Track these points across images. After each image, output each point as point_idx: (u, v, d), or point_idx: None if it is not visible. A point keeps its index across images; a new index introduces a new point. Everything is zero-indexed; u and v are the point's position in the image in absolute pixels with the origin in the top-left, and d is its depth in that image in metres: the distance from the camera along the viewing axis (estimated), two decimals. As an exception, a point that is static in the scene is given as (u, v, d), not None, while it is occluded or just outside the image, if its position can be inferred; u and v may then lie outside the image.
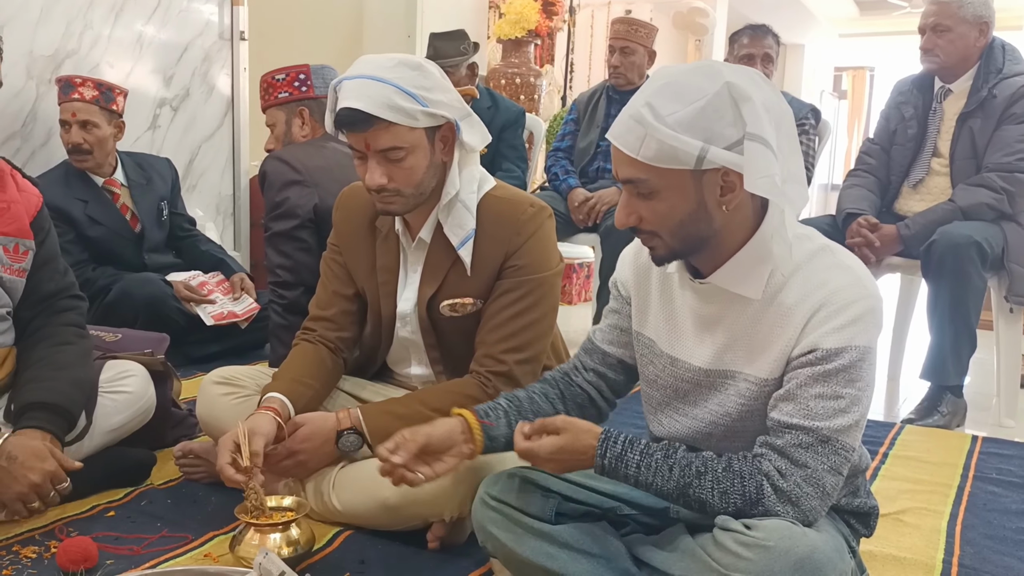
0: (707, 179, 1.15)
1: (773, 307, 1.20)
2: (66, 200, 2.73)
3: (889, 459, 2.25)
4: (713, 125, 1.12)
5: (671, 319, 1.32)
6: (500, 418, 1.36)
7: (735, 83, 1.12)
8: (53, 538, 1.56)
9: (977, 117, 2.66)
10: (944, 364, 2.55)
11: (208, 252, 3.10)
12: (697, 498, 1.19)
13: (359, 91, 1.50)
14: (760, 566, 1.11)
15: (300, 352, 1.73)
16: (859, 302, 1.16)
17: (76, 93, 2.78)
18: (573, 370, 1.47)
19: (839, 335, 1.15)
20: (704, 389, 1.28)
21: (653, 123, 1.12)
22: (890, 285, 3.21)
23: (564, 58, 6.05)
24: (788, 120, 1.18)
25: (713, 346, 1.26)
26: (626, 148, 1.16)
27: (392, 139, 1.52)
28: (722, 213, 1.18)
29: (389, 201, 1.59)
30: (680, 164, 1.13)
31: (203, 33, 3.54)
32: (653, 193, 1.17)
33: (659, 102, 1.13)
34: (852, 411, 1.16)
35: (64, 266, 1.79)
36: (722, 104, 1.12)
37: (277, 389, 1.62)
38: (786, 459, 1.16)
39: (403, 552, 1.54)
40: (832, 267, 1.20)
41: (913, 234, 2.65)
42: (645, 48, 3.53)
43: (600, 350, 1.44)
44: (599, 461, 1.24)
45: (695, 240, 1.21)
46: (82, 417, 1.69)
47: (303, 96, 2.56)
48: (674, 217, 1.18)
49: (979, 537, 1.77)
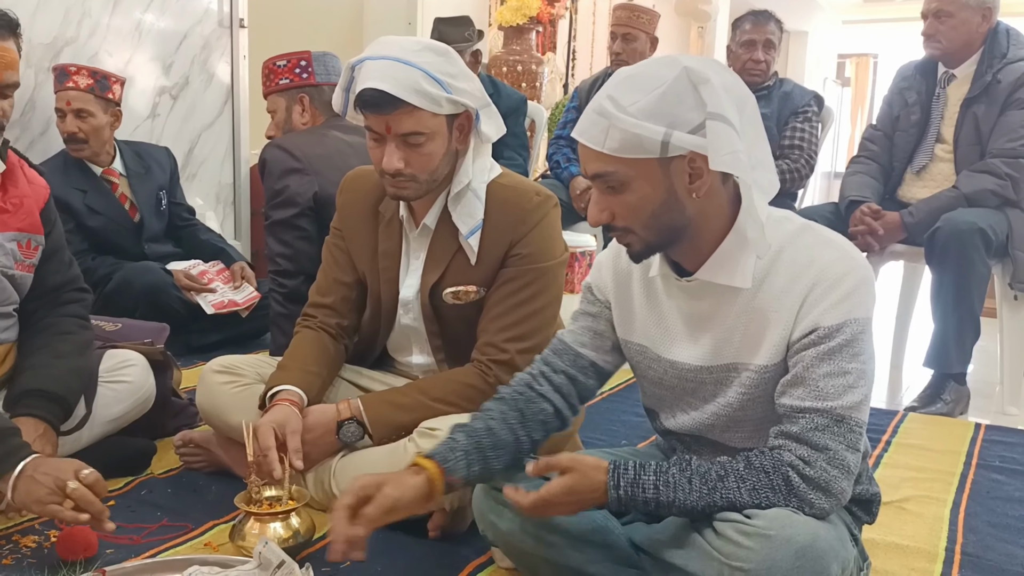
0: (674, 166, 1.15)
1: (763, 292, 1.20)
2: (65, 190, 2.71)
3: (892, 447, 2.25)
4: (674, 110, 1.11)
5: (661, 323, 1.30)
6: (460, 460, 1.28)
7: (692, 67, 1.12)
8: (53, 527, 1.55)
9: (981, 103, 2.64)
10: (947, 351, 2.54)
11: (208, 241, 3.09)
12: (726, 502, 1.16)
13: (385, 72, 1.47)
14: (761, 555, 1.10)
15: (304, 340, 1.72)
16: (851, 274, 1.16)
17: (71, 82, 2.76)
18: (535, 379, 1.39)
19: (837, 310, 1.15)
20: (710, 385, 1.27)
21: (616, 114, 1.12)
22: (893, 273, 3.20)
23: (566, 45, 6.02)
24: (751, 105, 1.18)
25: (711, 342, 1.24)
26: (591, 142, 1.15)
27: (414, 124, 1.50)
28: (693, 201, 1.17)
29: (403, 186, 1.57)
30: (646, 152, 1.13)
31: (202, 21, 3.52)
32: (622, 185, 1.16)
33: (620, 93, 1.13)
34: (860, 385, 1.16)
35: (69, 258, 1.78)
36: (682, 88, 1.11)
37: (289, 381, 1.61)
38: (806, 445, 1.15)
39: (404, 541, 1.53)
40: (816, 244, 1.20)
41: (917, 221, 2.63)
42: (647, 34, 3.51)
43: (572, 351, 1.39)
44: (613, 493, 1.19)
45: (670, 231, 1.20)
46: (82, 406, 1.69)
47: (304, 83, 2.54)
48: (646, 208, 1.17)
49: (982, 525, 1.76)
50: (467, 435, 1.32)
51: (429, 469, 1.26)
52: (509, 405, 1.37)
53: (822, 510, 1.15)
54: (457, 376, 1.64)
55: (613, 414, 2.40)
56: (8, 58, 1.53)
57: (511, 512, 1.33)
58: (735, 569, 1.12)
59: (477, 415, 1.37)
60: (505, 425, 1.34)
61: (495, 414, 1.35)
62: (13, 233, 1.61)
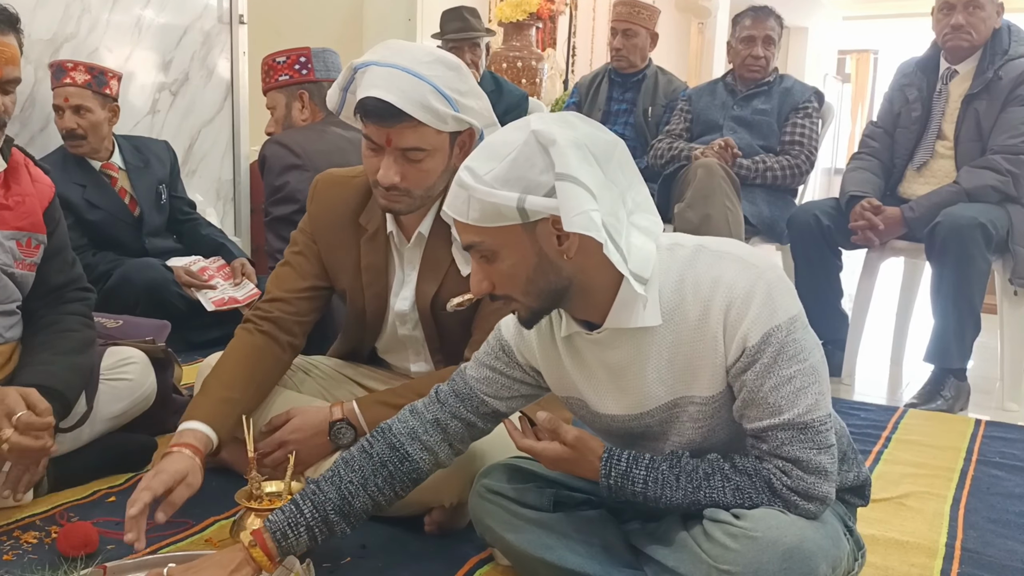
0: (540, 231, 1.14)
1: (677, 325, 1.18)
2: (64, 185, 2.69)
3: (892, 443, 2.25)
4: (527, 174, 1.10)
5: (590, 379, 1.27)
6: (301, 535, 1.25)
7: (540, 129, 1.11)
8: (54, 523, 1.56)
9: (982, 99, 2.64)
10: (948, 347, 2.54)
11: (209, 236, 3.09)
12: (710, 500, 1.18)
13: (392, 82, 1.41)
14: (748, 558, 1.11)
15: (232, 355, 1.61)
16: (758, 283, 1.14)
17: (68, 78, 2.75)
18: (425, 427, 1.33)
19: (759, 324, 1.13)
20: (656, 427, 1.25)
21: (472, 184, 1.12)
22: (893, 268, 3.20)
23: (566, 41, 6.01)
24: (617, 152, 1.15)
25: (640, 387, 1.22)
26: (456, 214, 1.15)
27: (417, 139, 1.45)
28: (567, 262, 1.15)
29: (395, 200, 1.52)
30: (506, 220, 1.12)
31: (202, 16, 3.51)
32: (494, 254, 1.16)
33: (476, 163, 1.13)
34: (809, 384, 1.15)
35: (73, 257, 1.77)
36: (531, 152, 1.11)
37: (199, 416, 1.50)
38: (780, 459, 1.16)
39: (404, 537, 1.54)
40: (715, 262, 1.18)
41: (917, 216, 2.63)
42: (647, 30, 3.51)
43: (477, 398, 1.34)
44: (604, 481, 1.22)
45: (550, 294, 1.18)
46: (82, 403, 1.69)
47: (303, 79, 2.55)
48: (520, 275, 1.16)
49: (982, 521, 1.76)
50: (315, 507, 1.27)
51: (258, 559, 1.24)
52: (376, 465, 1.30)
53: (808, 512, 1.16)
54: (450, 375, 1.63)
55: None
56: (9, 53, 1.52)
57: (506, 515, 1.34)
58: (723, 572, 1.13)
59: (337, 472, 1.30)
60: (363, 491, 1.29)
61: (355, 477, 1.29)
62: (12, 231, 1.61)
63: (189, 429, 1.48)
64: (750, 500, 1.17)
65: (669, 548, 1.24)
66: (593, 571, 1.30)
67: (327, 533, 1.28)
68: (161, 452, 1.87)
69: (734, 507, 1.17)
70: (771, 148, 3.11)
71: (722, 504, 1.18)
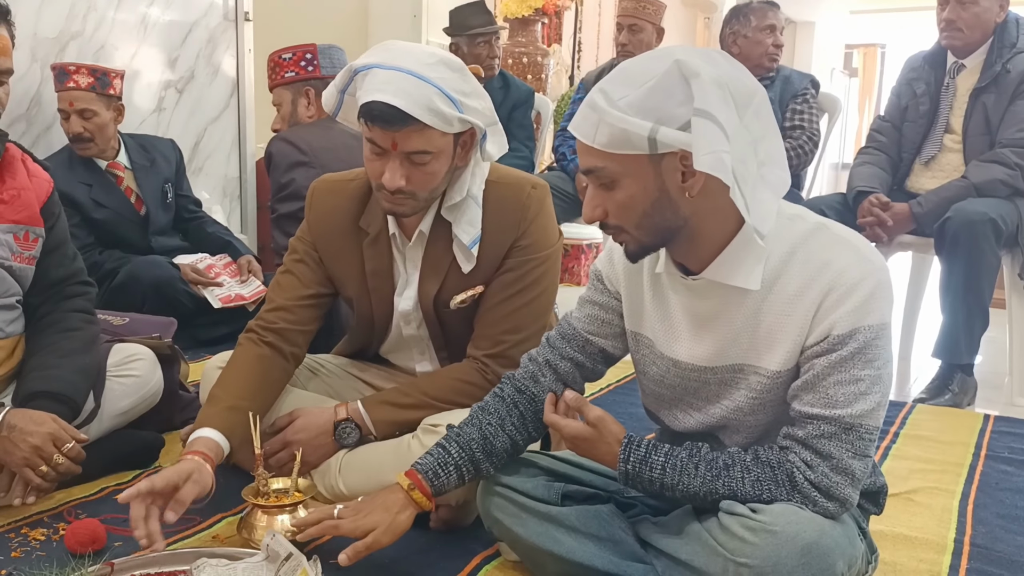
0: (666, 164, 1.11)
1: (774, 295, 1.17)
2: (70, 184, 2.71)
3: (900, 438, 2.24)
4: (663, 104, 1.07)
5: (666, 320, 1.28)
6: (451, 475, 1.32)
7: (684, 60, 1.07)
8: (62, 520, 1.56)
9: (991, 93, 2.62)
10: (956, 342, 2.53)
11: (215, 234, 3.09)
12: (728, 491, 1.17)
13: (398, 86, 1.39)
14: (766, 551, 1.10)
15: (237, 365, 1.60)
16: (867, 279, 1.13)
17: (71, 81, 2.75)
18: (540, 369, 1.38)
19: (852, 318, 1.12)
20: (713, 386, 1.25)
21: (605, 107, 1.09)
22: (901, 264, 3.19)
23: (572, 37, 6.00)
24: (758, 98, 1.13)
25: (715, 343, 1.22)
26: (582, 136, 1.13)
27: (423, 143, 1.43)
28: (688, 201, 1.13)
29: (400, 203, 1.50)
30: (634, 148, 1.09)
31: (208, 14, 3.52)
32: (614, 182, 1.14)
33: (611, 87, 1.10)
34: (873, 392, 1.14)
35: (73, 251, 1.78)
36: (671, 83, 1.07)
37: (212, 424, 1.49)
38: (810, 451, 1.15)
39: (410, 533, 1.51)
40: (831, 245, 1.17)
41: (926, 212, 2.62)
42: (653, 25, 3.50)
43: (582, 337, 1.38)
44: (623, 467, 1.23)
45: (663, 231, 1.17)
46: (90, 400, 1.70)
47: (309, 76, 2.55)
48: (636, 208, 1.14)
49: (991, 516, 1.76)
50: (460, 447, 1.33)
51: (417, 499, 1.31)
52: (509, 407, 1.37)
53: (826, 510, 1.15)
54: (455, 373, 1.63)
55: (620, 406, 2.40)
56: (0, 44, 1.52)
57: (515, 508, 1.34)
58: (740, 565, 1.12)
59: (475, 416, 1.37)
60: (502, 431, 1.35)
61: (493, 419, 1.35)
62: (9, 225, 1.61)
63: (200, 438, 1.47)
64: (769, 493, 1.16)
65: (681, 540, 1.23)
66: (602, 564, 1.29)
67: (473, 472, 1.33)
68: (168, 449, 1.89)
69: (752, 499, 1.16)
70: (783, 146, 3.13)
71: (740, 495, 1.16)
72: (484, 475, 1.35)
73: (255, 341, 1.62)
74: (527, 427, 1.37)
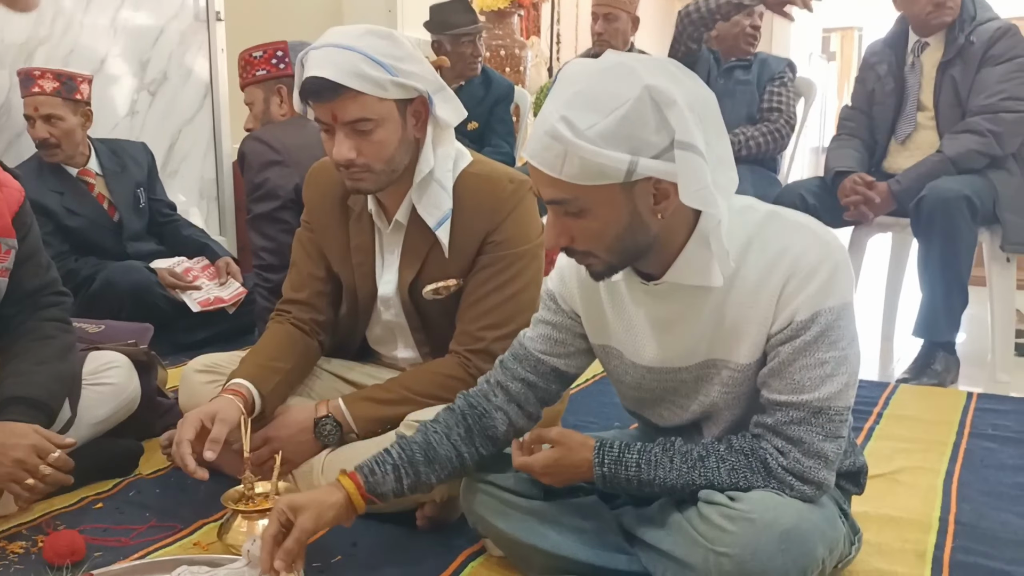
0: (638, 190, 1.08)
1: (736, 288, 1.16)
2: (41, 192, 2.67)
3: (884, 419, 2.24)
4: (638, 133, 1.03)
5: (631, 330, 1.26)
6: (387, 475, 1.28)
7: (656, 85, 1.03)
8: (40, 532, 1.54)
9: (956, 65, 2.64)
10: (936, 319, 2.54)
11: (191, 237, 3.06)
12: (705, 480, 1.17)
13: (325, 59, 1.44)
14: (745, 539, 1.10)
15: (270, 334, 1.70)
16: (825, 262, 1.13)
17: (36, 87, 2.70)
18: (492, 389, 1.35)
19: (812, 302, 1.12)
20: (690, 383, 1.24)
21: (572, 139, 1.03)
22: (881, 244, 3.20)
23: (550, 28, 5.98)
24: (712, 108, 1.11)
25: (684, 343, 1.21)
26: (547, 168, 1.07)
27: (360, 110, 1.46)
28: (658, 221, 1.12)
29: (359, 178, 1.53)
30: (608, 179, 1.06)
31: (178, 15, 3.48)
32: (583, 212, 1.09)
33: (575, 114, 1.04)
34: (839, 374, 1.14)
35: (47, 261, 1.75)
36: (644, 110, 1.03)
37: (242, 374, 1.58)
38: (781, 437, 1.15)
39: (394, 533, 1.53)
40: (786, 231, 1.16)
41: (904, 189, 2.62)
42: (628, 14, 3.50)
43: (534, 357, 1.35)
44: (598, 470, 1.22)
45: (634, 252, 1.15)
46: (66, 409, 1.68)
47: (281, 73, 2.52)
48: (608, 234, 1.11)
49: (976, 494, 1.76)
50: (401, 449, 1.30)
51: (348, 489, 1.26)
52: (457, 418, 1.34)
53: (803, 494, 1.15)
54: (437, 368, 1.62)
55: (605, 395, 2.39)
56: None
57: (498, 504, 1.33)
58: (720, 555, 1.12)
59: (423, 425, 1.35)
60: (447, 440, 1.32)
61: (440, 427, 1.33)
62: None
63: (230, 384, 1.56)
64: (745, 480, 1.16)
65: (663, 531, 1.23)
66: (586, 557, 1.30)
67: (412, 477, 1.29)
68: (148, 457, 1.87)
69: (729, 487, 1.16)
70: (752, 117, 3.17)
71: (717, 484, 1.17)
72: (425, 483, 1.31)
73: (285, 323, 1.71)
74: (474, 441, 1.34)
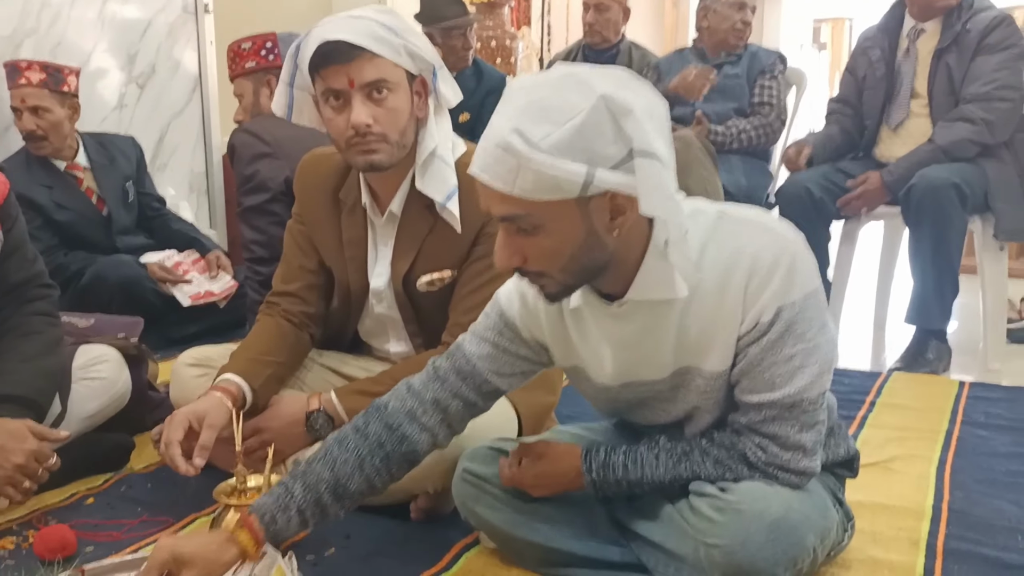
0: (594, 205, 1.03)
1: (699, 295, 1.13)
2: (29, 186, 2.65)
3: (876, 407, 2.24)
4: (594, 144, 0.99)
5: (598, 353, 1.22)
6: (292, 519, 1.16)
7: (611, 95, 0.99)
8: (31, 528, 1.53)
9: (952, 52, 2.64)
10: (928, 307, 2.55)
11: (180, 231, 3.04)
12: (692, 474, 1.17)
13: (340, 26, 1.44)
14: (733, 531, 1.11)
15: (260, 328, 1.68)
16: (782, 256, 1.10)
17: (23, 78, 2.67)
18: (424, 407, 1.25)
19: (775, 299, 1.10)
20: (666, 391, 1.22)
21: (526, 152, 0.98)
22: (874, 233, 3.20)
23: (540, 19, 5.95)
24: (666, 117, 1.06)
25: (654, 358, 1.18)
26: (499, 183, 1.01)
27: (377, 71, 1.44)
28: (614, 238, 1.07)
29: (373, 148, 1.47)
30: (563, 194, 1.00)
31: (166, 8, 3.45)
32: (537, 229, 1.04)
33: (527, 126, 0.98)
34: (809, 365, 1.12)
35: (33, 254, 1.73)
36: (600, 120, 0.98)
37: (232, 369, 1.57)
38: (757, 435, 1.15)
39: (388, 525, 1.52)
40: (738, 230, 1.13)
41: (896, 179, 2.62)
42: (619, 4, 3.49)
43: (481, 376, 1.26)
44: (588, 476, 1.22)
45: (591, 271, 1.10)
46: (57, 404, 1.67)
47: (270, 65, 2.51)
48: (564, 252, 1.06)
49: (969, 481, 1.76)
50: (306, 488, 1.17)
51: (244, 544, 1.14)
52: (372, 446, 1.21)
53: (790, 482, 1.15)
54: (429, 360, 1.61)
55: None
56: None
57: (490, 499, 1.33)
58: (709, 546, 1.12)
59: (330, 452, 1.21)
60: (359, 473, 1.20)
61: (351, 457, 1.20)
62: None
63: (220, 379, 1.54)
64: (731, 472, 1.16)
65: (655, 523, 1.24)
66: (579, 550, 1.30)
67: (319, 516, 1.18)
68: (139, 451, 1.85)
69: (717, 479, 1.16)
70: (742, 110, 3.16)
71: (704, 477, 1.17)
72: (331, 520, 1.21)
73: (276, 315, 1.68)
74: (390, 468, 1.23)
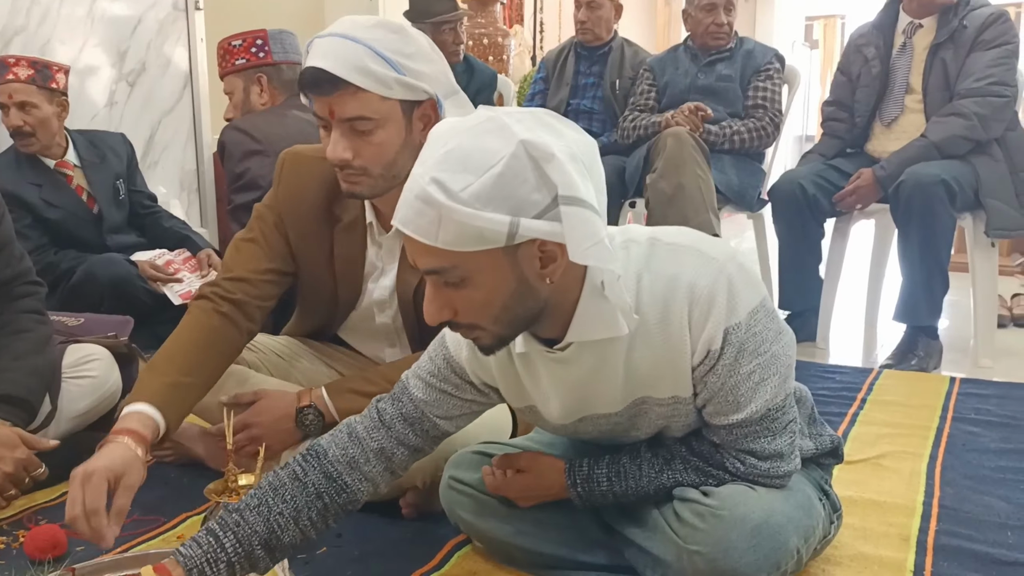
0: (522, 252, 0.99)
1: (641, 329, 1.09)
2: (19, 185, 2.63)
3: (867, 404, 2.25)
4: (517, 193, 0.95)
5: (549, 394, 1.18)
6: (221, 573, 1.10)
7: (531, 140, 0.95)
8: (21, 527, 1.53)
9: (948, 48, 2.64)
10: (917, 304, 2.55)
11: (172, 229, 3.02)
12: (674, 482, 1.18)
13: (328, 50, 1.35)
14: (716, 537, 1.11)
15: (186, 331, 1.49)
16: (718, 280, 1.07)
17: (10, 73, 2.65)
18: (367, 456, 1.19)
19: (720, 326, 1.07)
20: (625, 420, 1.20)
21: (446, 202, 0.94)
22: (866, 230, 3.21)
23: (533, 17, 5.95)
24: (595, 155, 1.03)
25: (606, 395, 1.16)
26: (421, 235, 0.97)
27: (359, 107, 1.36)
28: (547, 285, 1.03)
29: (354, 181, 1.42)
30: (488, 244, 0.96)
31: (156, 5, 3.44)
32: (464, 281, 1.00)
33: (447, 176, 0.95)
34: (769, 377, 1.11)
35: (20, 251, 1.73)
36: (521, 167, 0.94)
37: (147, 398, 1.36)
38: (733, 450, 1.16)
39: (379, 523, 1.52)
40: (670, 257, 1.09)
41: (889, 175, 2.62)
42: (612, 2, 3.48)
43: (430, 421, 1.22)
44: (573, 491, 1.23)
45: (524, 320, 1.05)
46: (47, 403, 1.66)
47: (261, 62, 2.50)
48: (495, 303, 1.02)
49: (959, 477, 1.77)
50: (238, 541, 1.11)
51: None
52: (311, 497, 1.15)
53: (772, 485, 1.16)
54: None
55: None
56: None
57: (477, 504, 1.34)
58: (692, 553, 1.13)
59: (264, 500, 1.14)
60: (294, 526, 1.14)
61: (286, 509, 1.14)
62: None
63: (135, 412, 1.34)
64: (713, 479, 1.17)
65: (641, 528, 1.24)
66: (568, 553, 1.30)
67: (248, 569, 1.12)
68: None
69: (700, 485, 1.17)
70: (737, 114, 3.12)
71: (687, 483, 1.18)
72: (264, 570, 1.14)
73: (208, 311, 1.50)
74: (327, 519, 1.17)
